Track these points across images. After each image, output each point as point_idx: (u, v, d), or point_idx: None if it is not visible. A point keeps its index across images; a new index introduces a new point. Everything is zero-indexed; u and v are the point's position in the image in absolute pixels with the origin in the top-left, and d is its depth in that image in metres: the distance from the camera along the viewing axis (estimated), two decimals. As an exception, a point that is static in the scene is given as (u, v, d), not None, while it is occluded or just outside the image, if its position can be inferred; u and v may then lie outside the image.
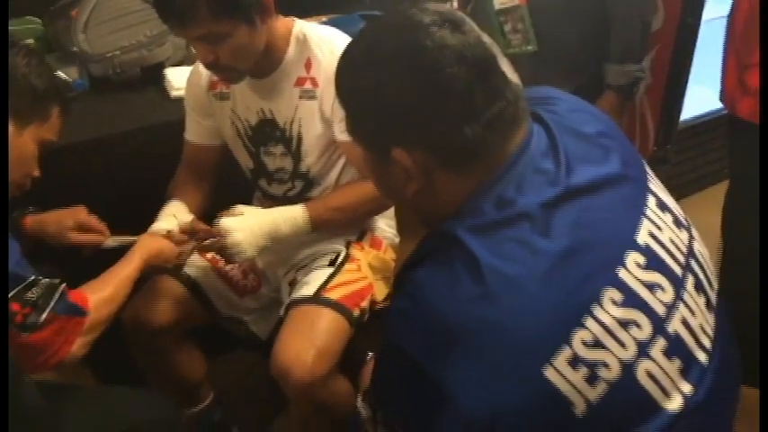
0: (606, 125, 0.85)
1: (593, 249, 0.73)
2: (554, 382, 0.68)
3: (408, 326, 0.74)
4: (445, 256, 0.73)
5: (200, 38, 1.17)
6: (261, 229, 1.28)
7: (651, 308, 0.73)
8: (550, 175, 0.75)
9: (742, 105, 1.43)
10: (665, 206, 0.82)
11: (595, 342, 0.69)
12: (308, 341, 1.23)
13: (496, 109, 0.74)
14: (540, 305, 0.70)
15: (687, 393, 0.74)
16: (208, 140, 1.46)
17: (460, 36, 0.74)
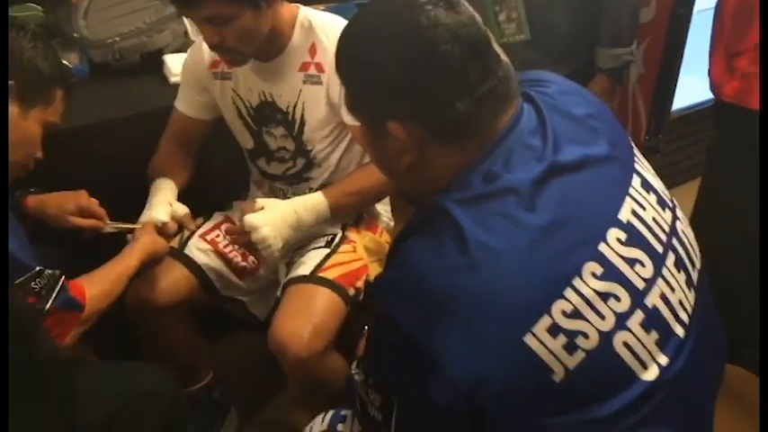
0: (596, 108, 0.88)
1: (575, 224, 0.76)
2: (534, 350, 0.71)
3: (398, 295, 0.77)
4: (434, 228, 0.76)
5: (206, 19, 1.19)
6: (284, 222, 1.30)
7: (630, 282, 0.76)
8: (537, 151, 0.78)
9: (728, 89, 1.46)
10: (650, 187, 0.85)
11: (575, 312, 0.72)
12: (304, 318, 1.27)
13: (488, 86, 0.77)
14: (522, 276, 0.72)
15: (663, 365, 0.76)
16: (199, 114, 1.48)
17: (455, 15, 0.77)
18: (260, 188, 1.58)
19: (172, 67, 1.73)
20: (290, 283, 1.35)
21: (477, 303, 0.72)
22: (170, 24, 1.79)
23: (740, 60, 1.43)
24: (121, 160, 1.62)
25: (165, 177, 1.44)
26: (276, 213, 1.30)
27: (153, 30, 1.76)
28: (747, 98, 1.42)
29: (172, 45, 1.80)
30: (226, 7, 1.16)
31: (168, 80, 1.73)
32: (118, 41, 1.72)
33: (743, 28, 1.42)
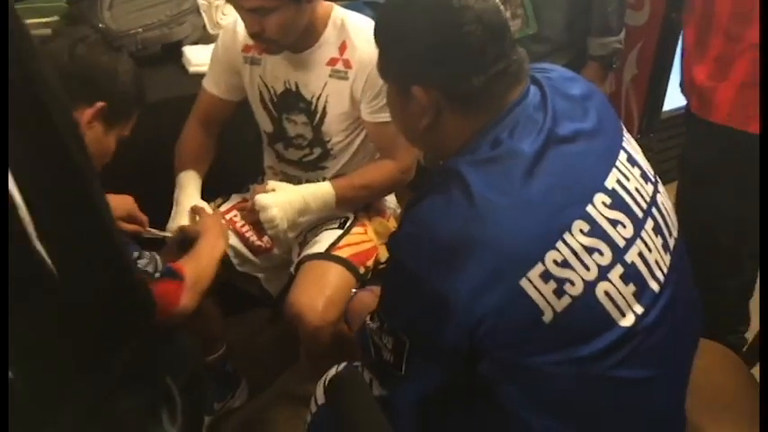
0: (590, 91, 1.00)
1: (568, 187, 0.87)
2: (528, 293, 0.82)
3: (411, 243, 0.89)
4: (445, 186, 0.88)
5: (251, 10, 1.28)
6: (292, 206, 1.39)
7: (612, 239, 0.87)
8: (539, 124, 0.89)
9: (693, 101, 1.51)
10: (635, 162, 0.97)
11: (564, 262, 0.84)
12: (319, 290, 1.37)
13: (502, 66, 0.89)
14: (521, 228, 0.84)
15: (639, 314, 0.88)
16: (227, 95, 1.56)
17: (482, 2, 0.89)
18: (276, 174, 1.67)
19: (191, 58, 1.82)
20: (305, 260, 1.45)
21: (482, 250, 0.83)
22: (190, 17, 1.88)
23: (699, 74, 1.47)
24: (143, 145, 1.70)
25: (189, 170, 1.52)
26: (285, 196, 1.39)
27: (174, 22, 1.85)
28: (708, 111, 1.46)
29: (191, 37, 1.89)
30: (270, 0, 1.26)
31: (187, 70, 1.82)
32: (141, 32, 1.80)
33: (705, 39, 1.45)
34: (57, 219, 0.59)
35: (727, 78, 1.40)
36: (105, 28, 1.79)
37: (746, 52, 1.37)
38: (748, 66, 1.37)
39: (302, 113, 1.49)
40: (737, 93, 1.39)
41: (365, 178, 1.48)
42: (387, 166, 1.44)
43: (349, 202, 1.49)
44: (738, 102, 1.39)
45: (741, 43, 1.37)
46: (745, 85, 1.38)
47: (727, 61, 1.41)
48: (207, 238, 1.31)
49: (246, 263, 1.59)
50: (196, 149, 1.56)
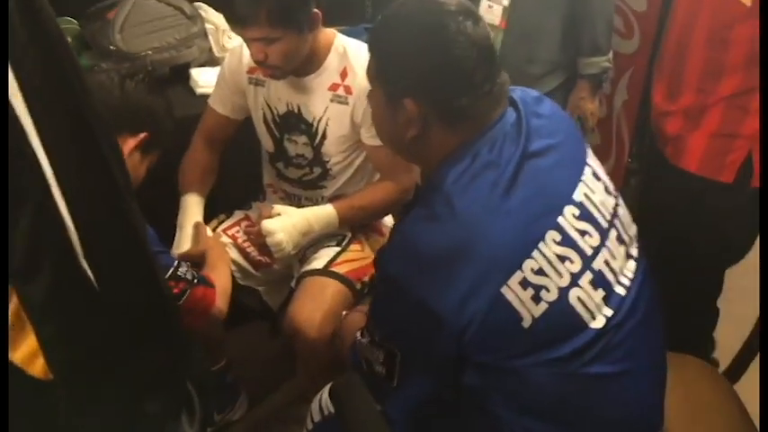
0: (556, 110, 1.09)
1: (541, 200, 0.95)
2: (509, 299, 0.90)
3: (398, 256, 0.96)
4: (429, 201, 0.95)
5: (256, 39, 1.36)
6: (296, 229, 1.46)
7: (581, 248, 0.95)
8: (516, 141, 0.97)
9: (665, 147, 1.53)
10: (599, 177, 1.05)
11: (540, 270, 0.91)
12: (317, 305, 1.43)
13: (488, 87, 0.97)
14: (501, 238, 0.91)
15: (608, 316, 0.95)
16: (232, 114, 1.64)
17: (477, 29, 0.97)
18: (275, 192, 1.73)
19: (198, 80, 1.89)
20: (304, 276, 1.51)
21: (466, 260, 0.90)
22: (197, 41, 1.96)
23: (668, 123, 1.50)
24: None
25: (193, 193, 1.59)
26: (290, 221, 1.46)
27: (182, 45, 1.93)
28: (679, 158, 1.48)
29: (198, 59, 1.96)
30: (274, 31, 1.34)
31: (194, 91, 1.89)
32: (150, 55, 1.88)
33: (675, 93, 1.48)
34: (101, 238, 0.65)
35: (698, 128, 1.43)
36: (116, 50, 1.87)
37: (719, 103, 1.40)
38: (720, 116, 1.40)
39: (303, 134, 1.56)
40: (709, 142, 1.42)
41: (365, 199, 1.54)
42: (386, 187, 1.51)
43: (350, 223, 1.56)
44: (710, 151, 1.42)
45: (712, 96, 1.41)
46: (717, 136, 1.41)
47: (697, 111, 1.44)
48: (213, 255, 1.39)
49: (248, 276, 1.65)
50: (200, 168, 1.63)
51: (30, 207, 0.58)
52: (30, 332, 0.61)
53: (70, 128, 0.63)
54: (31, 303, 0.59)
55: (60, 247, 0.60)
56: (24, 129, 0.57)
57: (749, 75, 1.34)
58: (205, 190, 1.63)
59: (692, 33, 1.41)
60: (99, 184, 0.66)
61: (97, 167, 0.66)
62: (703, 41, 1.40)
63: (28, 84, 0.57)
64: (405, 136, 1.00)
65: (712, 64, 1.39)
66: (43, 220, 0.59)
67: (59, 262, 0.61)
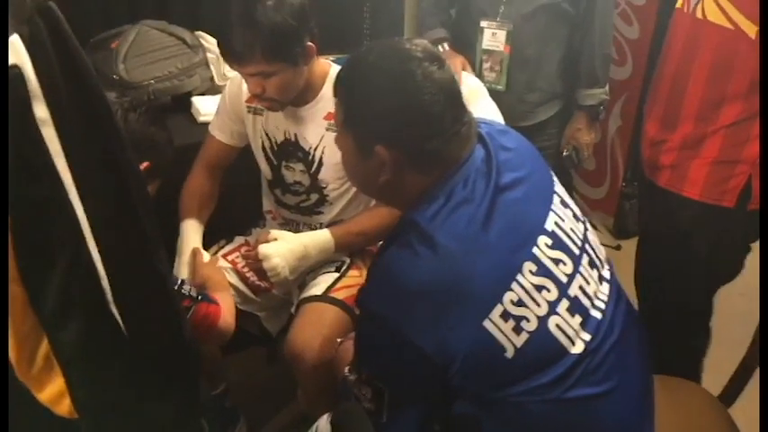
0: (521, 142, 1.12)
1: (516, 232, 0.98)
2: (491, 332, 0.92)
3: (381, 295, 0.97)
4: (407, 239, 0.97)
5: (252, 74, 1.40)
6: (293, 254, 1.48)
7: (557, 277, 0.98)
8: (487, 176, 1.00)
9: (660, 176, 1.53)
10: (567, 204, 1.08)
11: (519, 301, 0.93)
12: (316, 331, 1.45)
13: (457, 128, 0.99)
14: (481, 273, 0.93)
15: (587, 340, 0.98)
16: (231, 141, 1.67)
17: (442, 73, 1.00)
18: (275, 219, 1.76)
19: (199, 108, 1.93)
20: (304, 302, 1.53)
21: (446, 295, 0.92)
22: (199, 70, 1.99)
23: (663, 155, 1.50)
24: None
25: (192, 219, 1.61)
26: (286, 245, 1.49)
27: (184, 74, 1.97)
28: (680, 186, 1.48)
29: (200, 88, 2.00)
30: (268, 66, 1.37)
31: (196, 119, 1.93)
32: (153, 84, 1.91)
33: (671, 125, 1.47)
34: (131, 285, 0.67)
35: (698, 156, 1.44)
36: (119, 79, 1.91)
37: (718, 131, 1.41)
38: (720, 144, 1.42)
39: (300, 162, 1.59)
40: (711, 170, 1.43)
41: (361, 225, 1.57)
42: (382, 212, 1.54)
43: (347, 248, 1.59)
44: (712, 178, 1.44)
45: (713, 125, 1.42)
46: (718, 163, 1.43)
47: (696, 140, 1.44)
48: (212, 282, 1.43)
49: (247, 301, 1.67)
50: (200, 195, 1.66)
51: (65, 256, 0.60)
52: (57, 373, 0.63)
53: (107, 182, 0.65)
54: (61, 347, 0.61)
55: (92, 295, 0.63)
56: (64, 183, 0.59)
57: (750, 102, 1.36)
58: (204, 216, 1.65)
59: (693, 63, 1.43)
60: (131, 234, 0.69)
61: (130, 218, 0.68)
62: (706, 72, 1.41)
63: (69, 142, 0.59)
64: (377, 181, 1.02)
65: (714, 93, 1.41)
66: (77, 269, 0.61)
67: (91, 308, 0.63)
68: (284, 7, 1.35)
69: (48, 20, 0.59)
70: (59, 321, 0.61)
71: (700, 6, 1.41)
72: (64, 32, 0.61)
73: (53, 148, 0.57)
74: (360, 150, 1.02)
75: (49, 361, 0.63)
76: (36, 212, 0.57)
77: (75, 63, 0.62)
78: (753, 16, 1.31)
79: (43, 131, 0.57)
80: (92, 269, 0.61)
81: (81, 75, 0.62)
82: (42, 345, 0.62)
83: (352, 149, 1.04)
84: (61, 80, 0.59)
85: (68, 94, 0.59)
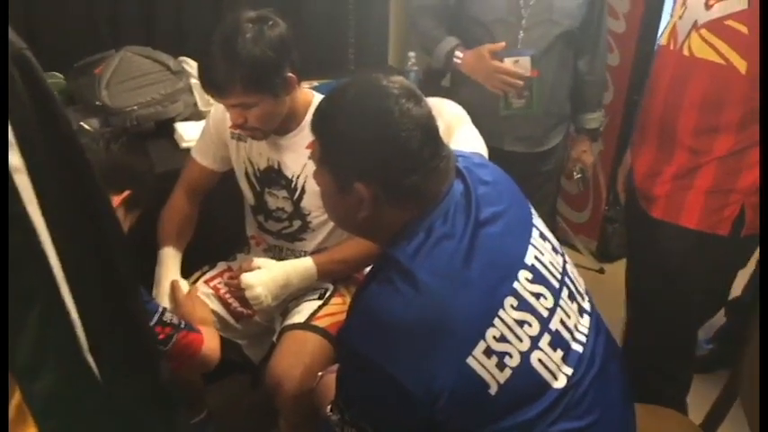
0: (499, 175, 1.13)
1: (496, 267, 0.98)
2: (475, 369, 0.91)
3: (362, 333, 0.96)
4: (388, 276, 0.96)
5: (233, 105, 1.41)
6: (275, 283, 1.48)
7: (537, 311, 0.98)
8: (466, 210, 1.00)
9: (654, 207, 1.53)
10: (545, 237, 1.09)
11: (502, 337, 0.93)
12: (297, 360, 1.44)
13: (435, 163, 0.99)
14: (463, 309, 0.93)
15: (569, 374, 0.98)
16: (213, 165, 1.67)
17: (419, 109, 1.00)
18: (258, 244, 1.75)
19: (183, 134, 1.92)
20: (285, 330, 1.52)
21: (429, 333, 0.92)
22: (182, 96, 1.99)
23: (657, 186, 1.51)
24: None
25: (170, 247, 1.61)
26: (269, 274, 1.49)
27: (167, 100, 1.96)
28: (676, 216, 1.49)
29: (183, 114, 2.00)
30: (248, 97, 1.38)
31: (179, 145, 1.92)
32: (136, 110, 1.91)
33: (664, 159, 1.49)
34: (107, 334, 0.66)
35: (692, 186, 1.46)
36: (101, 105, 1.91)
37: (712, 162, 1.43)
38: (713, 174, 1.43)
39: (283, 189, 1.60)
40: (706, 199, 1.45)
41: (344, 253, 1.57)
42: (363, 242, 1.53)
43: (330, 276, 1.59)
44: (708, 207, 1.45)
45: (706, 156, 1.43)
46: (713, 192, 1.44)
47: (689, 171, 1.46)
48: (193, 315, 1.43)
49: (228, 328, 1.66)
50: (179, 220, 1.66)
51: (38, 306, 0.59)
52: (31, 424, 0.62)
53: (82, 229, 0.64)
54: (34, 398, 0.60)
55: (67, 343, 0.62)
56: (37, 230, 0.59)
57: (743, 134, 1.38)
58: (183, 243, 1.65)
59: (683, 97, 1.44)
60: (107, 280, 0.67)
61: (105, 264, 0.67)
62: (698, 104, 1.42)
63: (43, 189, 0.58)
64: (356, 217, 1.01)
65: (706, 125, 1.42)
66: (51, 317, 0.60)
67: (66, 357, 0.62)
68: (263, 40, 1.36)
69: (22, 68, 0.59)
70: (33, 372, 0.60)
71: (686, 44, 1.43)
72: (39, 81, 0.61)
73: (26, 196, 0.57)
74: (338, 187, 1.02)
75: (23, 413, 0.62)
76: (8, 260, 0.56)
77: (50, 111, 0.62)
78: (744, 53, 1.33)
79: (16, 179, 0.56)
80: (66, 317, 0.60)
81: (56, 123, 0.62)
82: (15, 396, 0.61)
83: (331, 186, 1.03)
84: (36, 128, 0.59)
85: (43, 142, 0.59)
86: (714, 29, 1.37)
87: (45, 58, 2.09)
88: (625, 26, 2.53)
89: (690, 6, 1.45)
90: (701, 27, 1.40)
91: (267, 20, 1.39)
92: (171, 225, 1.64)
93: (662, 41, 1.54)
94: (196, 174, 1.68)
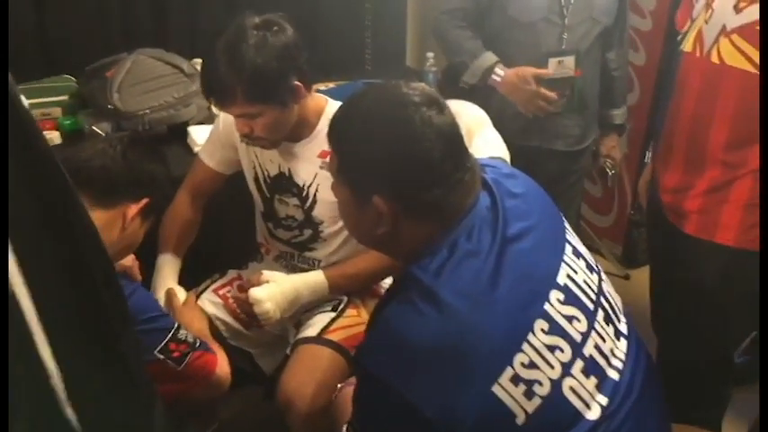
0: (529, 186, 1.06)
1: (526, 288, 0.91)
2: (501, 398, 0.85)
3: (381, 355, 0.90)
4: (408, 296, 0.90)
5: (237, 115, 1.36)
6: (285, 298, 1.43)
7: (570, 335, 0.91)
8: (493, 226, 0.94)
9: (686, 223, 1.45)
10: (579, 254, 1.01)
11: (531, 363, 0.87)
12: (309, 376, 1.39)
13: (459, 176, 0.93)
14: (489, 333, 0.86)
15: (604, 404, 0.91)
16: (220, 168, 1.62)
17: (442, 117, 0.93)
18: (268, 252, 1.70)
19: (196, 138, 1.88)
20: (298, 344, 1.47)
21: (452, 358, 0.85)
22: (195, 99, 1.95)
23: (690, 199, 1.43)
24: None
25: (169, 254, 1.57)
26: (278, 288, 1.43)
27: (180, 104, 1.93)
28: (711, 232, 1.41)
29: (196, 117, 1.96)
30: (250, 107, 1.33)
31: (192, 149, 1.88)
32: (148, 114, 1.88)
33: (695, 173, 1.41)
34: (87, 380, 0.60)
35: (727, 201, 1.38)
36: (113, 109, 1.87)
37: (748, 175, 1.35)
38: (751, 186, 1.35)
39: (294, 197, 1.54)
40: (744, 214, 1.37)
41: (357, 267, 1.51)
42: (377, 255, 1.47)
43: (341, 290, 1.53)
44: (746, 222, 1.37)
45: (741, 168, 1.35)
46: (750, 206, 1.36)
47: (723, 184, 1.38)
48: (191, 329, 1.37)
49: (239, 337, 1.62)
50: (181, 224, 1.62)
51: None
52: None
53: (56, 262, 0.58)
54: None
55: (41, 396, 0.55)
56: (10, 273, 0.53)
57: None
58: (183, 248, 1.61)
59: (714, 108, 1.36)
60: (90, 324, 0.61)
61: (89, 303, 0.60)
62: (730, 115, 1.34)
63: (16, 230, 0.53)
64: (375, 232, 0.96)
65: (740, 137, 1.34)
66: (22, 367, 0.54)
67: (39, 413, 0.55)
68: (266, 48, 1.30)
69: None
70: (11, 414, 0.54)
71: (715, 50, 1.34)
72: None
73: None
74: (356, 200, 0.96)
75: None
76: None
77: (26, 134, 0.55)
78: None
79: None
80: (39, 365, 0.54)
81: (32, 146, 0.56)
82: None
83: (348, 199, 0.98)
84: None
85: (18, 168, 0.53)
86: (746, 34, 1.28)
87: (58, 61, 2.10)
88: (651, 24, 2.44)
89: (717, 10, 1.35)
90: (731, 32, 1.31)
91: (272, 26, 1.33)
92: (172, 230, 1.60)
93: (686, 48, 1.44)
94: (201, 175, 1.64)
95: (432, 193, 0.91)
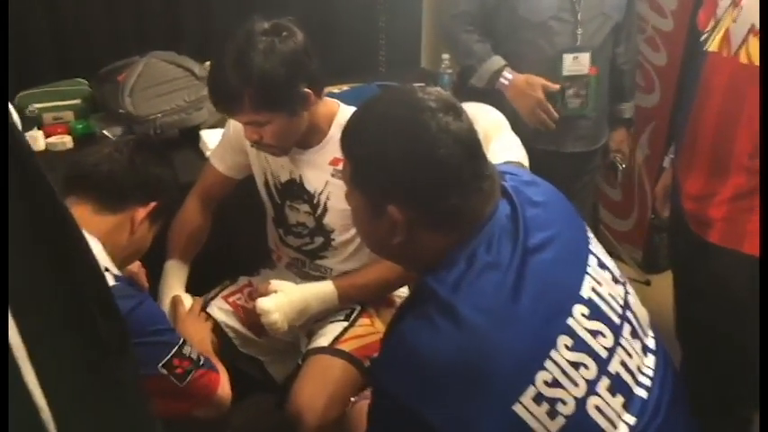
0: (551, 194, 1.02)
1: (548, 302, 0.87)
2: (523, 417, 0.81)
3: (396, 372, 0.87)
4: (425, 309, 0.86)
5: (245, 123, 1.33)
6: (293, 308, 1.40)
7: (595, 351, 0.87)
8: (513, 236, 0.89)
9: (711, 232, 1.39)
10: (604, 265, 0.97)
11: (554, 381, 0.82)
12: (320, 388, 1.35)
13: (478, 184, 0.89)
14: (509, 350, 0.82)
15: (631, 424, 0.87)
16: (231, 173, 1.59)
17: (459, 123, 0.90)
18: (279, 259, 1.67)
19: (208, 142, 1.85)
20: (309, 354, 1.44)
21: (471, 376, 0.81)
22: (207, 102, 1.91)
23: (714, 206, 1.38)
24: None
25: (177, 260, 1.54)
26: (286, 299, 1.40)
27: (192, 108, 1.91)
28: (739, 242, 1.35)
29: (208, 121, 1.94)
30: (258, 115, 1.30)
31: (204, 154, 1.85)
32: (160, 117, 1.86)
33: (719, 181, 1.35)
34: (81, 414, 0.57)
35: (754, 209, 1.31)
36: (125, 113, 1.86)
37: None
38: None
39: (305, 203, 1.51)
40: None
41: (368, 277, 1.47)
42: (389, 265, 1.43)
43: (351, 301, 1.50)
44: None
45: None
46: None
47: (750, 191, 1.32)
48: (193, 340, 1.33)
49: (249, 344, 1.60)
50: (190, 230, 1.59)
51: None
52: None
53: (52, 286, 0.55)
54: None
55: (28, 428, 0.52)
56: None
57: None
58: (191, 254, 1.59)
59: (741, 111, 1.30)
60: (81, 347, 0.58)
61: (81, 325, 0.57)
62: (758, 120, 1.27)
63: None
64: (390, 242, 0.92)
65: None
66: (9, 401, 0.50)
67: None
68: (274, 54, 1.26)
69: None
70: None
71: (744, 50, 1.28)
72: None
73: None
74: (370, 209, 0.93)
75: None
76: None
77: None
78: None
79: None
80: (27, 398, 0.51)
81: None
82: None
83: (363, 208, 0.95)
84: None
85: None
86: None
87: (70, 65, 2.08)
88: (673, 24, 2.38)
89: (745, 8, 1.29)
90: None
91: (281, 31, 1.29)
92: (180, 236, 1.57)
93: (711, 48, 1.37)
94: (211, 179, 1.61)
95: (449, 201, 0.88)
